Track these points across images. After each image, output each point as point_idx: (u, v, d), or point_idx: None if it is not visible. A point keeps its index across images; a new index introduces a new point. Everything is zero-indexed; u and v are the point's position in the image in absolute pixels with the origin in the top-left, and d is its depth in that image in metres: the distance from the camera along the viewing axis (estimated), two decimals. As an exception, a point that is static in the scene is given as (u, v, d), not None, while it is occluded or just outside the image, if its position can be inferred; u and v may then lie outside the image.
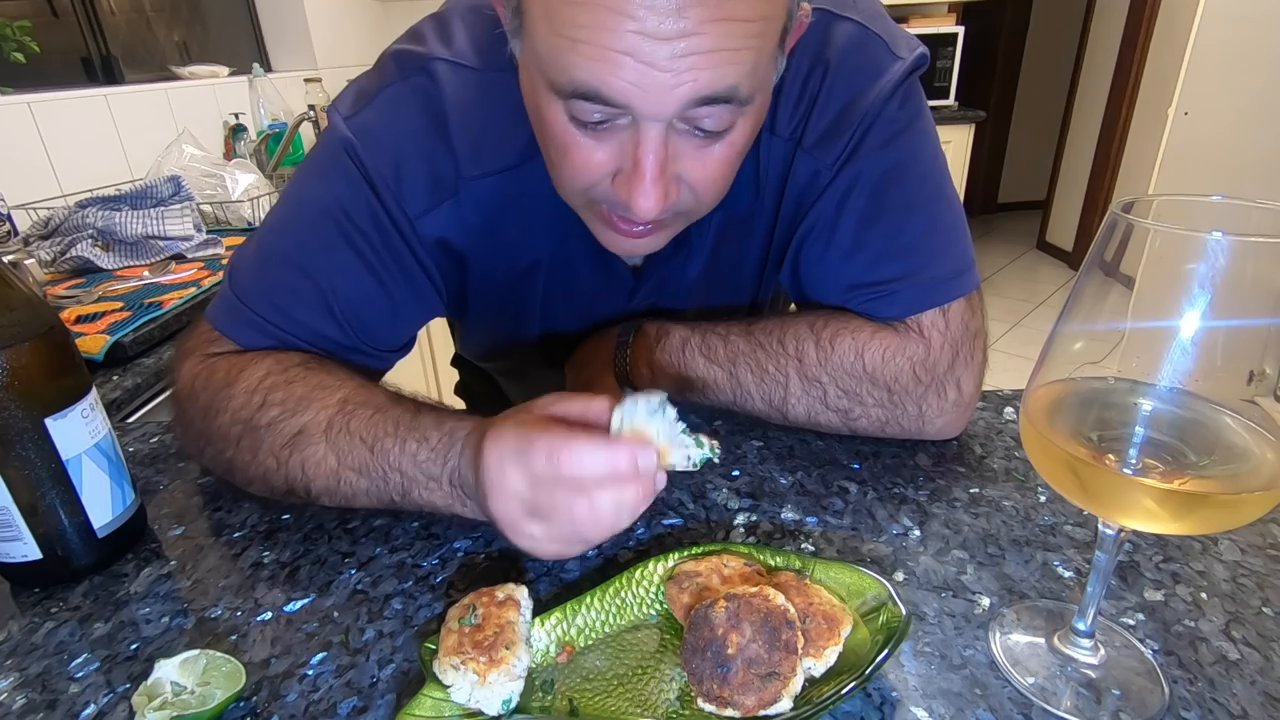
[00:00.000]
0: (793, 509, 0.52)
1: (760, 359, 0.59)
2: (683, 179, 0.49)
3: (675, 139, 0.46)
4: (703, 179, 0.49)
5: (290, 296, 0.57)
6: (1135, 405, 0.33)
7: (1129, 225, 0.31)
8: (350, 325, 0.58)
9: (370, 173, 0.55)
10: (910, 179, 0.57)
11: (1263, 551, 0.46)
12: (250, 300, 0.57)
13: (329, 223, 0.56)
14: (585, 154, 0.47)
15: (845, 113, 0.56)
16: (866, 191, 0.57)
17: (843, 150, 0.57)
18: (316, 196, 0.58)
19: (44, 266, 1.21)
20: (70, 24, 1.79)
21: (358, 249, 0.57)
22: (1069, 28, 4.28)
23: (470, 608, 0.38)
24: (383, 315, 0.60)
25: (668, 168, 0.46)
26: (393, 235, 0.57)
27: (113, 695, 0.40)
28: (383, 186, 0.56)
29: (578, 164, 0.48)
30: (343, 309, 0.57)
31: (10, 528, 0.46)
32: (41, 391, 0.45)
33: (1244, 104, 3.07)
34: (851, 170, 0.57)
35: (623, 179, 0.47)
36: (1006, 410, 0.64)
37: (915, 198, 0.57)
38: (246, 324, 0.57)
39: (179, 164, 1.56)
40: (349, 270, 0.57)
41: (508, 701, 0.36)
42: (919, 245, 0.57)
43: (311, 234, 0.57)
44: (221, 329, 0.58)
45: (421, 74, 0.56)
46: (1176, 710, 0.36)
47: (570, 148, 0.47)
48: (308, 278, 0.57)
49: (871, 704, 0.37)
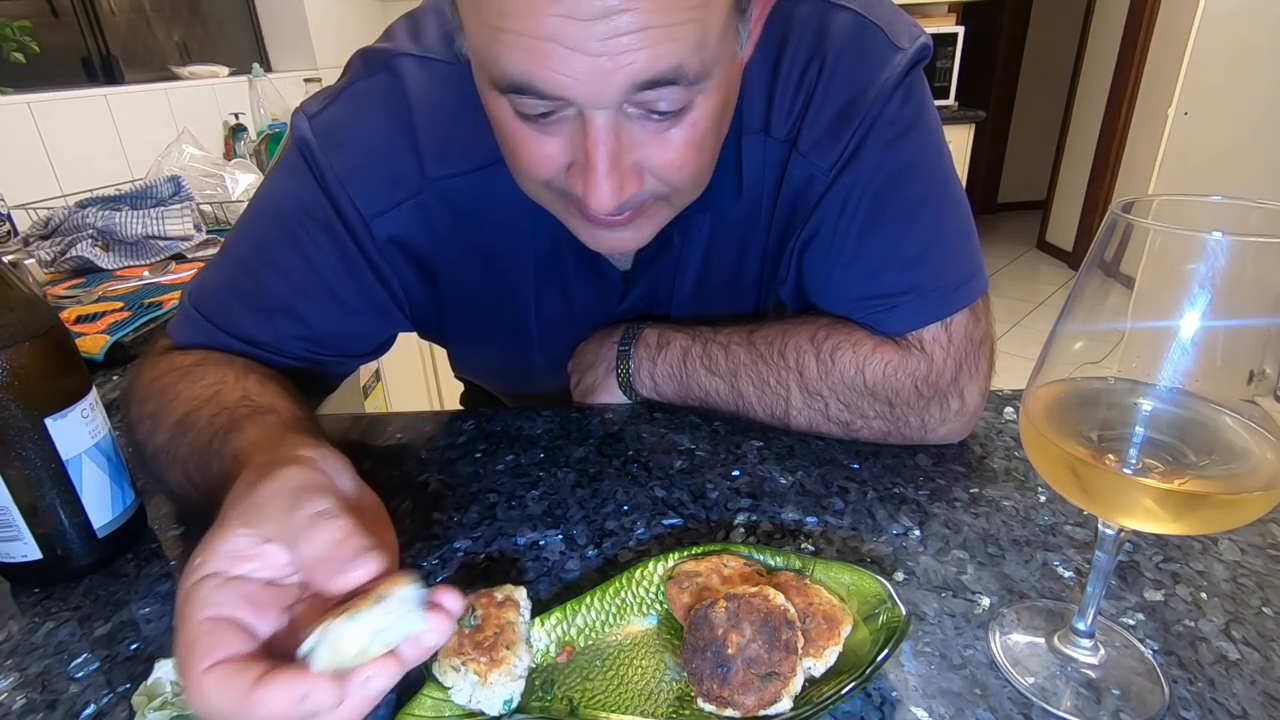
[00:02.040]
0: (793, 509, 0.52)
1: (762, 371, 0.59)
2: (644, 167, 0.45)
3: (628, 125, 0.43)
4: (666, 165, 0.46)
5: (233, 295, 0.57)
6: (1135, 405, 0.33)
7: (1129, 225, 0.31)
8: (292, 327, 0.57)
9: (323, 172, 0.54)
10: (913, 183, 0.55)
11: (1263, 551, 0.46)
12: (197, 300, 0.58)
13: (279, 223, 0.56)
14: (535, 148, 0.45)
15: (844, 113, 0.53)
16: (869, 198, 0.54)
17: (841, 154, 0.54)
18: (270, 196, 0.57)
19: (44, 266, 1.21)
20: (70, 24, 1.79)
21: (303, 250, 0.56)
22: (1069, 28, 4.28)
23: (469, 609, 0.38)
24: (330, 319, 0.59)
25: (622, 157, 0.43)
26: (343, 237, 0.56)
27: (113, 695, 0.40)
28: (335, 185, 0.54)
29: (529, 159, 0.46)
30: (285, 310, 0.57)
31: (10, 528, 0.46)
32: (41, 391, 0.45)
33: (1244, 104, 3.07)
34: (850, 175, 0.54)
35: (576, 171, 0.45)
36: (1006, 410, 0.64)
37: (919, 204, 0.55)
38: (196, 330, 0.57)
39: (179, 164, 1.56)
40: (294, 271, 0.56)
41: (509, 702, 0.36)
42: (922, 256, 0.55)
43: (261, 234, 0.57)
44: (178, 339, 0.59)
45: (385, 70, 0.55)
46: (1176, 710, 0.36)
47: (519, 143, 0.45)
48: (254, 277, 0.56)
49: (871, 704, 0.37)
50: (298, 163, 0.55)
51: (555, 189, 0.48)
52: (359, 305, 0.59)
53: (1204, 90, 3.09)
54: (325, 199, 0.55)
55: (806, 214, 0.57)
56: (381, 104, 0.55)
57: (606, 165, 0.43)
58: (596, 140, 0.42)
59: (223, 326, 0.57)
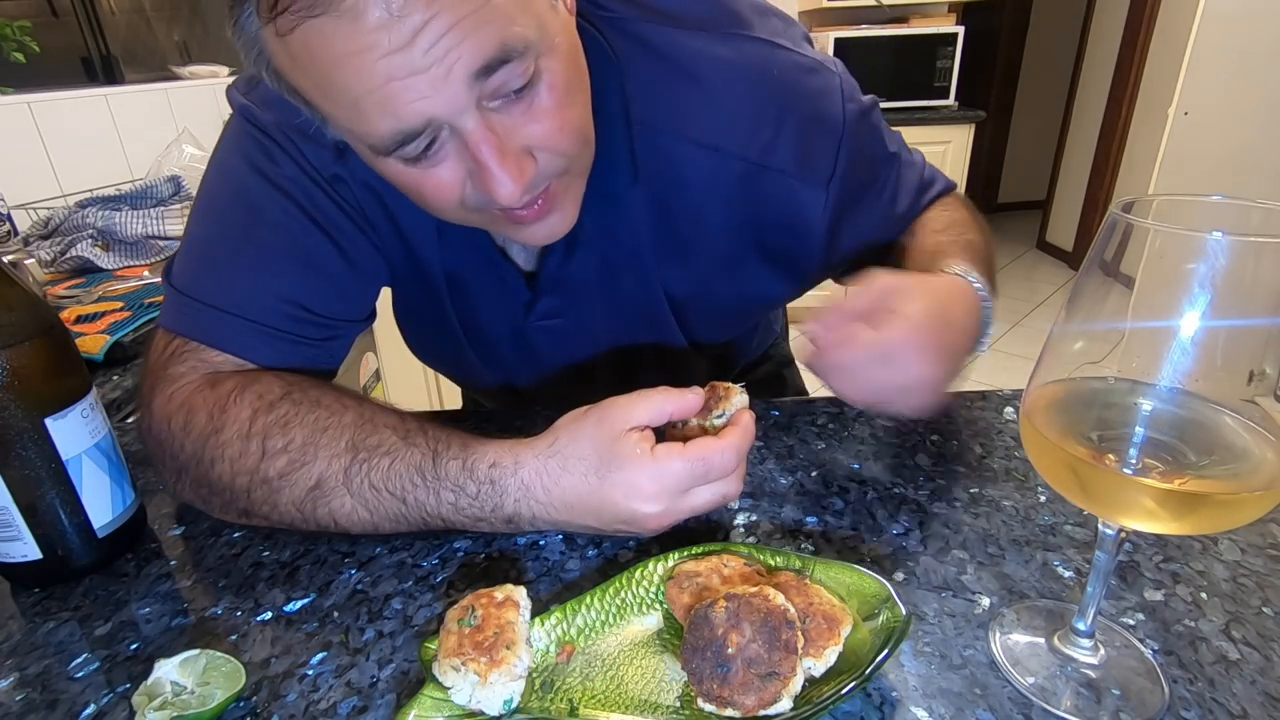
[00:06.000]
0: (793, 509, 0.52)
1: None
2: (529, 146, 0.47)
3: (496, 118, 0.45)
4: (547, 134, 0.47)
5: (231, 275, 0.56)
6: (1135, 405, 0.33)
7: (1129, 225, 0.31)
8: (297, 291, 0.57)
9: (272, 132, 0.55)
10: (878, 146, 0.64)
11: (1263, 551, 0.46)
12: (195, 291, 0.56)
13: (250, 190, 0.56)
14: (435, 183, 0.47)
15: (815, 137, 0.58)
16: (860, 180, 0.61)
17: (831, 170, 0.59)
18: (228, 168, 0.57)
19: (44, 266, 1.21)
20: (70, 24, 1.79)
21: (285, 209, 0.56)
22: (1069, 28, 4.28)
23: (469, 609, 0.38)
24: (328, 274, 0.58)
25: (506, 145, 0.45)
26: (312, 188, 0.56)
27: (113, 695, 0.40)
28: (287, 142, 0.55)
29: (435, 194, 0.48)
30: (285, 275, 0.56)
31: (10, 528, 0.46)
32: (41, 391, 0.45)
33: (1244, 104, 3.07)
34: (838, 180, 0.59)
35: (478, 180, 0.46)
36: (1006, 410, 0.64)
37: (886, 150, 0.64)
38: (198, 316, 0.55)
39: (179, 164, 1.56)
40: (282, 231, 0.56)
41: (509, 702, 0.36)
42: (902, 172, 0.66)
43: (234, 206, 0.57)
44: (178, 329, 0.56)
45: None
46: (1176, 710, 0.36)
47: (420, 185, 0.47)
48: (242, 251, 0.56)
49: (871, 704, 0.37)
50: (245, 129, 0.56)
51: (471, 207, 0.49)
52: (353, 252, 0.59)
53: (1204, 90, 3.09)
54: (283, 152, 0.55)
55: (791, 223, 0.61)
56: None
57: (497, 158, 0.45)
58: (477, 141, 0.44)
59: (237, 309, 0.55)
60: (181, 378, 0.54)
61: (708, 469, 0.45)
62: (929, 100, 2.99)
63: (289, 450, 0.49)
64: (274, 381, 0.53)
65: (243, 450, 0.50)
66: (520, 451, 0.47)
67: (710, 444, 0.45)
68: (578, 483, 0.46)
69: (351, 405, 0.51)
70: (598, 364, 0.71)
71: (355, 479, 0.48)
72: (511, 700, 0.36)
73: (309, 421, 0.50)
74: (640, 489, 0.44)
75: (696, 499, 0.46)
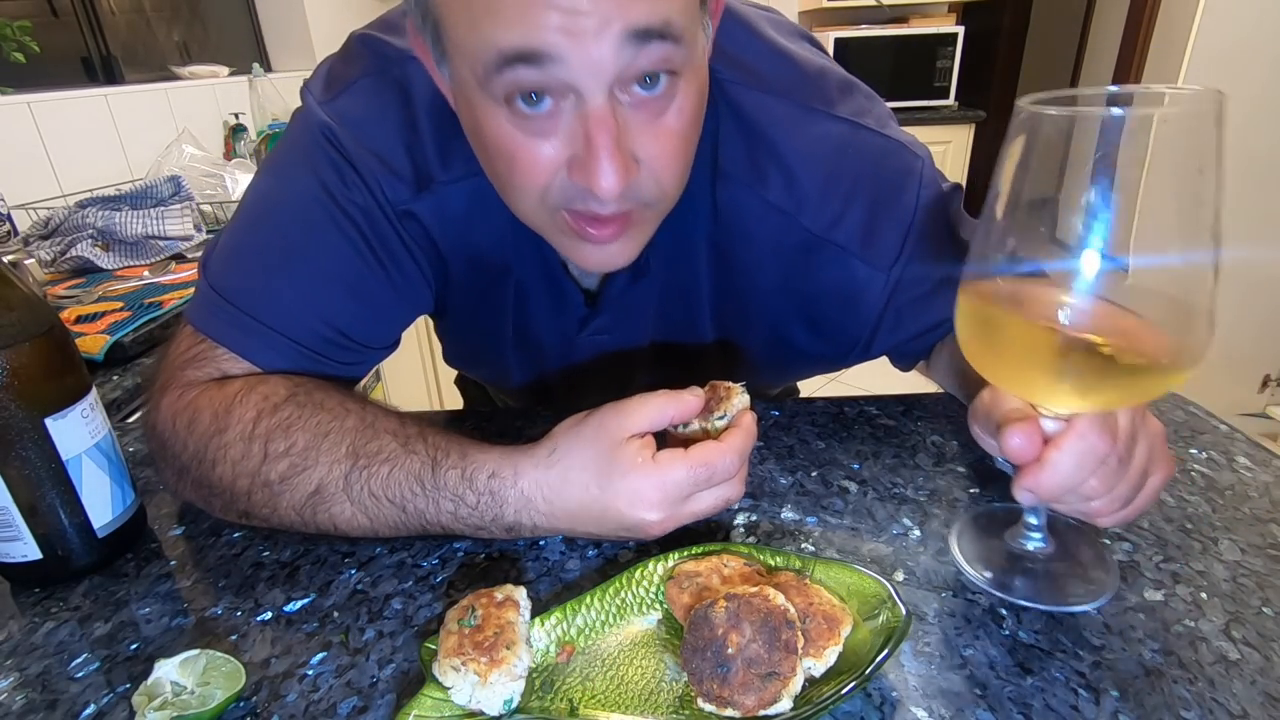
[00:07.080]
0: (793, 509, 0.52)
1: None
2: (639, 159, 0.46)
3: (622, 112, 0.44)
4: (661, 153, 0.47)
5: (277, 289, 0.55)
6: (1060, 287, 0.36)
7: (1035, 115, 0.34)
8: (340, 317, 0.57)
9: (353, 157, 0.54)
10: (940, 214, 0.59)
11: (1263, 551, 0.46)
12: (235, 297, 0.55)
13: (315, 209, 0.55)
14: (533, 153, 0.45)
15: (884, 219, 0.57)
16: (930, 270, 0.59)
17: (897, 254, 0.57)
18: (296, 182, 0.56)
19: (44, 266, 1.21)
20: (70, 24, 1.79)
21: (347, 235, 0.55)
22: (1069, 28, 4.28)
23: (469, 609, 0.38)
24: (374, 305, 0.59)
25: (622, 142, 0.44)
26: (380, 220, 0.56)
27: (113, 695, 0.40)
28: (367, 171, 0.55)
29: (527, 166, 0.46)
30: (333, 299, 0.56)
31: (10, 528, 0.46)
32: (41, 391, 0.45)
33: (1244, 104, 3.07)
34: (902, 265, 0.58)
35: (578, 165, 0.45)
36: (1006, 410, 0.64)
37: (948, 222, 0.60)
38: (233, 324, 0.55)
39: (179, 164, 1.56)
40: (339, 256, 0.56)
41: (509, 702, 0.36)
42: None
43: (294, 221, 0.56)
44: (208, 331, 0.55)
45: (395, 69, 0.55)
46: (1176, 710, 0.36)
47: (516, 151, 0.45)
48: (293, 268, 0.55)
49: (871, 704, 0.37)
50: (323, 148, 0.55)
51: (550, 203, 0.48)
52: (400, 289, 0.59)
53: (1204, 90, 3.09)
54: (360, 182, 0.55)
55: (845, 299, 0.60)
56: (396, 103, 0.55)
57: (611, 146, 0.43)
58: (598, 121, 0.43)
59: (275, 325, 0.55)
60: (196, 382, 0.54)
61: (710, 474, 0.45)
62: (929, 100, 2.99)
63: (290, 454, 0.49)
64: (280, 383, 0.53)
65: (245, 452, 0.49)
66: (519, 461, 0.47)
67: (713, 449, 0.45)
68: (579, 493, 0.45)
69: (354, 409, 0.51)
70: (635, 372, 0.72)
71: (355, 486, 0.48)
72: (511, 700, 0.36)
73: (311, 425, 0.50)
74: (643, 497, 0.44)
75: (699, 504, 0.46)
